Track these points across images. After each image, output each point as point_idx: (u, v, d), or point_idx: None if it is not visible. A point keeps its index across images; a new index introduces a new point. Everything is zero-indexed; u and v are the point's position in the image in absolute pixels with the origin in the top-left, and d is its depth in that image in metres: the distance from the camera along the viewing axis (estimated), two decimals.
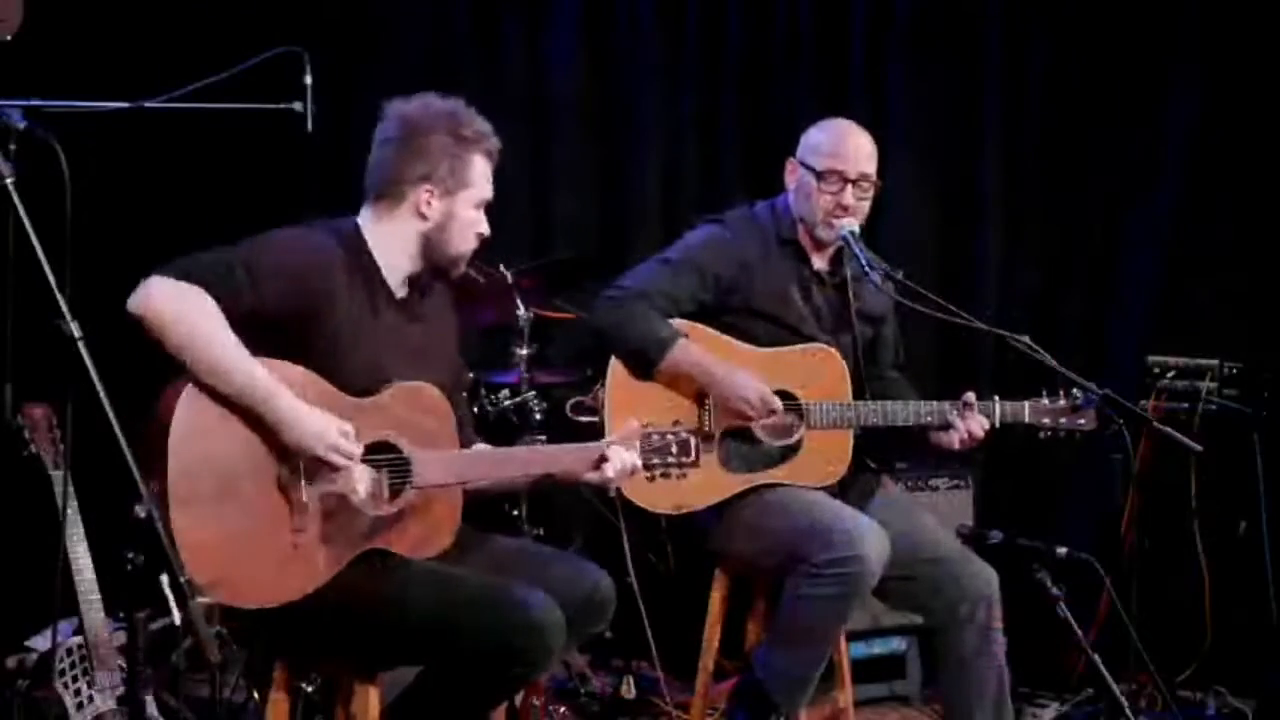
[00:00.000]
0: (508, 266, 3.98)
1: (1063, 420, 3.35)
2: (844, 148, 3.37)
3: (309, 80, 3.09)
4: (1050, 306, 4.73)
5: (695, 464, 2.95)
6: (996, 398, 3.35)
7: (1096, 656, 3.00)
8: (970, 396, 3.33)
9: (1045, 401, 3.35)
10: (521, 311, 4.02)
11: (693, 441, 2.91)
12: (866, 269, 3.34)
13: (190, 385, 2.50)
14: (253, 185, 4.62)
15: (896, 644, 4.34)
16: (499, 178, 2.84)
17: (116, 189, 4.14)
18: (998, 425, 3.34)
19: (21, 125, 2.13)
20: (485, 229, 2.83)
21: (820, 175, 3.35)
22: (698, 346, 3.31)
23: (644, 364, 3.28)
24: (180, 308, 2.50)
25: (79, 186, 2.09)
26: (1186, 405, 4.19)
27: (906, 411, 3.34)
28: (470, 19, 4.99)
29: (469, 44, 4.99)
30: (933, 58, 4.76)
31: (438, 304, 2.91)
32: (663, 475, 2.98)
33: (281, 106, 3.08)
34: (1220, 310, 4.50)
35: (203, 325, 2.50)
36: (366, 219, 2.78)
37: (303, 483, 2.58)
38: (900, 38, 4.77)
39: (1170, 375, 4.23)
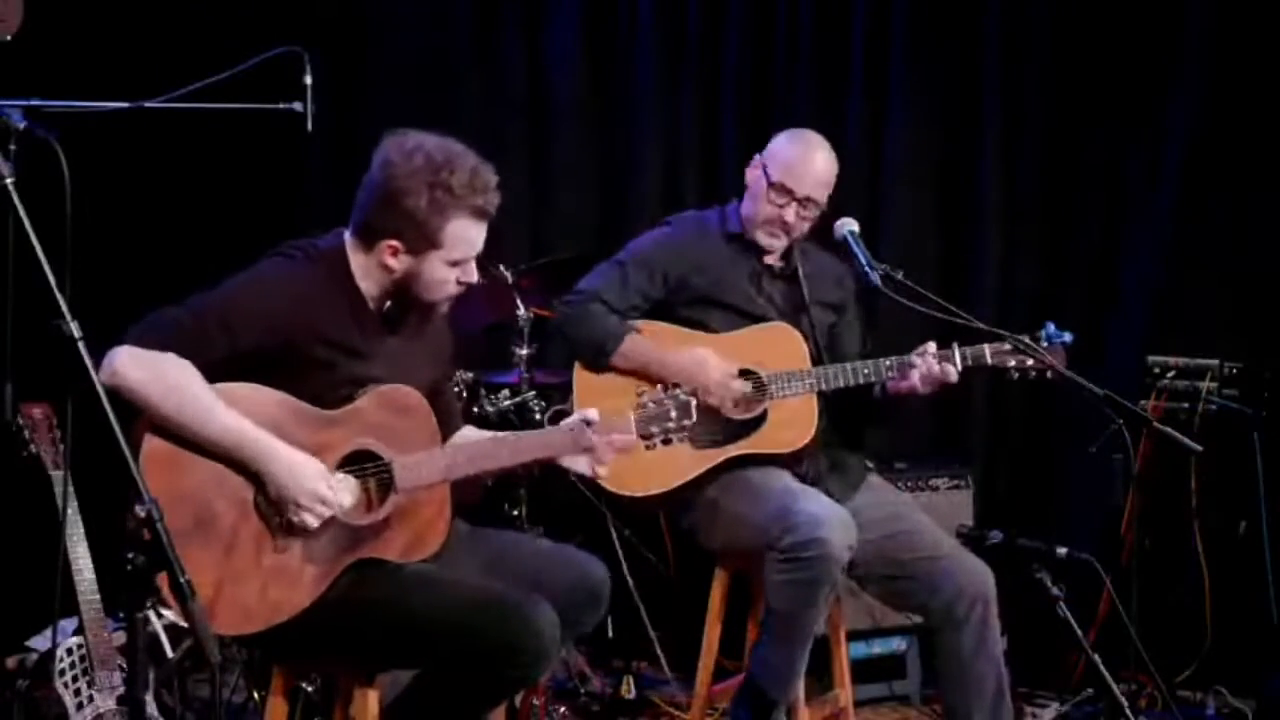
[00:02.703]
0: (508, 266, 3.98)
1: (1029, 360, 3.29)
2: (802, 167, 3.42)
3: (309, 80, 3.08)
4: (1050, 306, 4.72)
5: (697, 423, 2.94)
6: (955, 343, 3.33)
7: (1096, 656, 2.99)
8: (930, 345, 3.32)
9: (1006, 345, 3.31)
10: (521, 311, 4.03)
11: (692, 402, 2.90)
12: (868, 269, 3.35)
13: None
14: (253, 185, 4.63)
15: (896, 644, 4.34)
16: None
17: (116, 189, 4.14)
18: (958, 367, 3.30)
19: (21, 125, 2.12)
20: (466, 282, 2.71)
21: (772, 185, 3.41)
22: (647, 338, 3.38)
23: (599, 359, 3.37)
24: (145, 376, 2.45)
25: (79, 186, 2.08)
26: (1186, 405, 4.19)
27: (867, 368, 3.35)
28: (470, 19, 4.99)
29: (469, 44, 5.00)
30: (933, 58, 4.75)
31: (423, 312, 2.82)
32: (663, 442, 2.91)
33: (281, 106, 3.07)
34: (1220, 310, 4.49)
35: (172, 394, 2.47)
36: (349, 242, 2.71)
37: None
38: (900, 38, 4.76)
39: (1170, 375, 4.23)
